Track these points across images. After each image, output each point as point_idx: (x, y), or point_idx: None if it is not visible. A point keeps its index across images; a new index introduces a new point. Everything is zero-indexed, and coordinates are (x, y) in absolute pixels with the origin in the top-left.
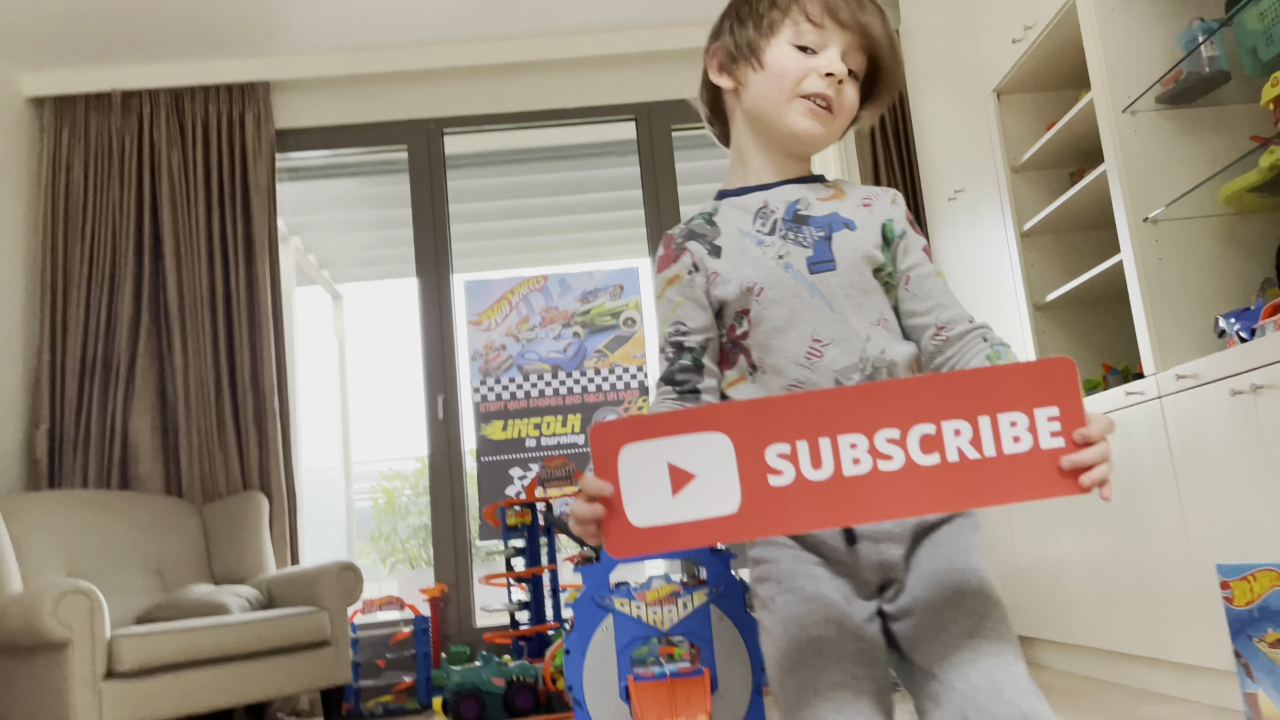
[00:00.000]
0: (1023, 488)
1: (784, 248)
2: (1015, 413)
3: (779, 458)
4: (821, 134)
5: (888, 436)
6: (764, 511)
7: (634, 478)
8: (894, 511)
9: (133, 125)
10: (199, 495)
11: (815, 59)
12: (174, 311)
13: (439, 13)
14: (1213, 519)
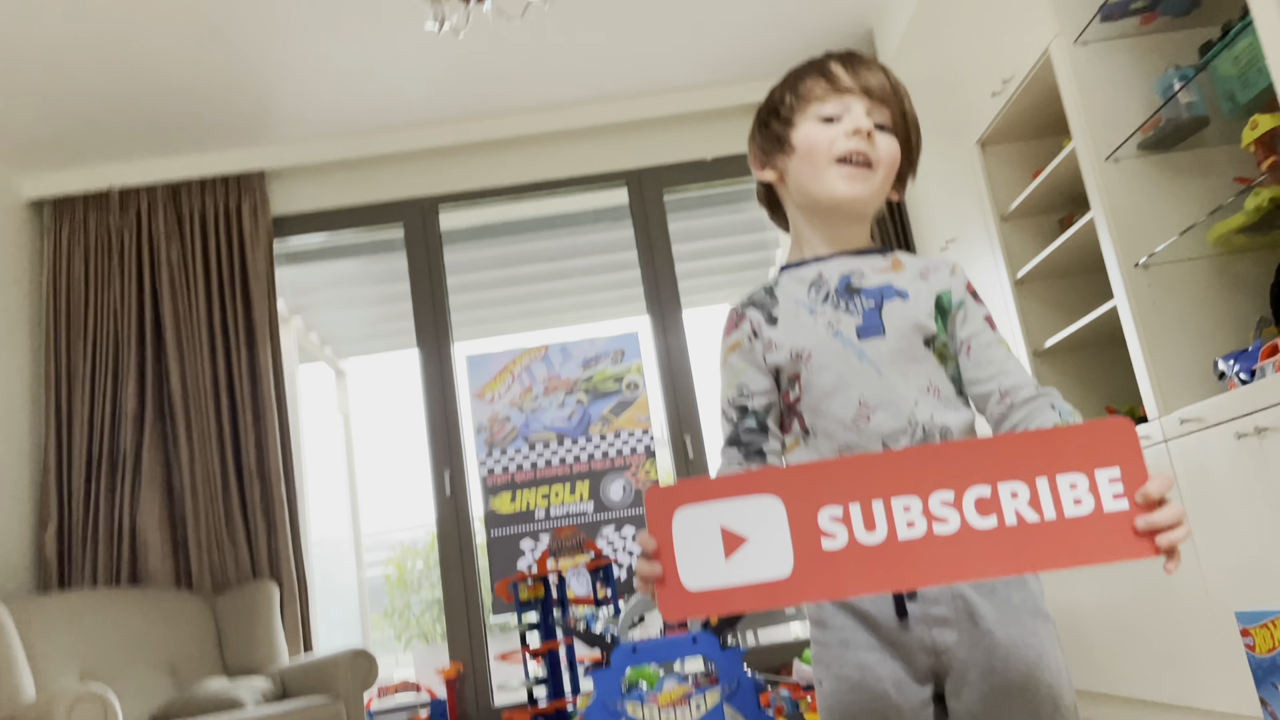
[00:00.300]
0: (1088, 551)
1: (835, 316)
2: (1075, 474)
3: (832, 521)
4: (866, 193)
5: (942, 499)
6: (817, 575)
7: (688, 540)
8: (951, 575)
9: (131, 221)
10: (209, 586)
11: (841, 124)
12: (178, 403)
13: (429, 94)
14: (1229, 563)
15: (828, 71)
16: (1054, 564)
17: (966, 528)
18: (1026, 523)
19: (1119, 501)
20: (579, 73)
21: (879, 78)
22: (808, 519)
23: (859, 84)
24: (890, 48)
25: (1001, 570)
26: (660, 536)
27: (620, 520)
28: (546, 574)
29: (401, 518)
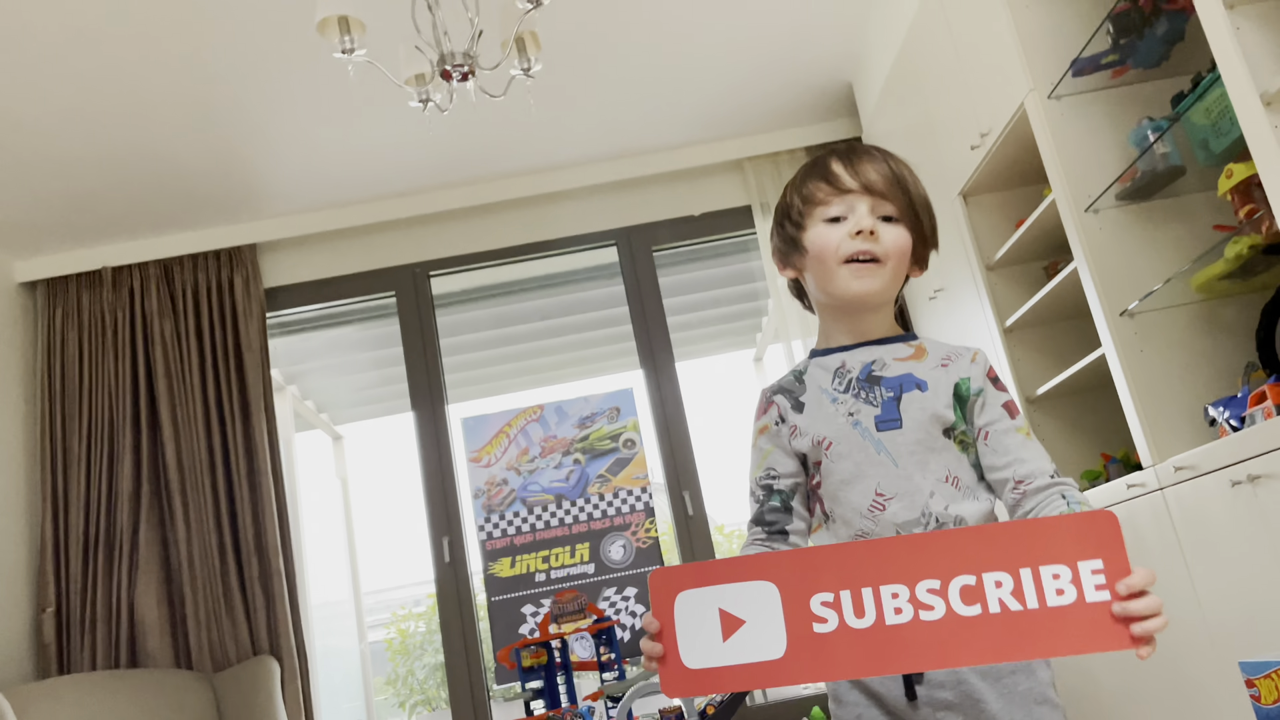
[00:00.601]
0: (1069, 640)
1: (855, 405)
2: (1058, 565)
3: (823, 606)
4: (877, 287)
5: (928, 587)
6: (808, 657)
7: (688, 621)
8: (936, 661)
9: (124, 299)
10: (209, 665)
11: (846, 224)
12: (174, 480)
13: (417, 162)
14: (1231, 612)
15: (829, 174)
16: (1035, 653)
17: (952, 615)
18: (1010, 611)
19: (1100, 593)
20: (566, 136)
21: (881, 169)
22: (801, 604)
23: (859, 182)
24: (869, 103)
25: (984, 658)
26: (663, 618)
27: (621, 581)
28: (549, 639)
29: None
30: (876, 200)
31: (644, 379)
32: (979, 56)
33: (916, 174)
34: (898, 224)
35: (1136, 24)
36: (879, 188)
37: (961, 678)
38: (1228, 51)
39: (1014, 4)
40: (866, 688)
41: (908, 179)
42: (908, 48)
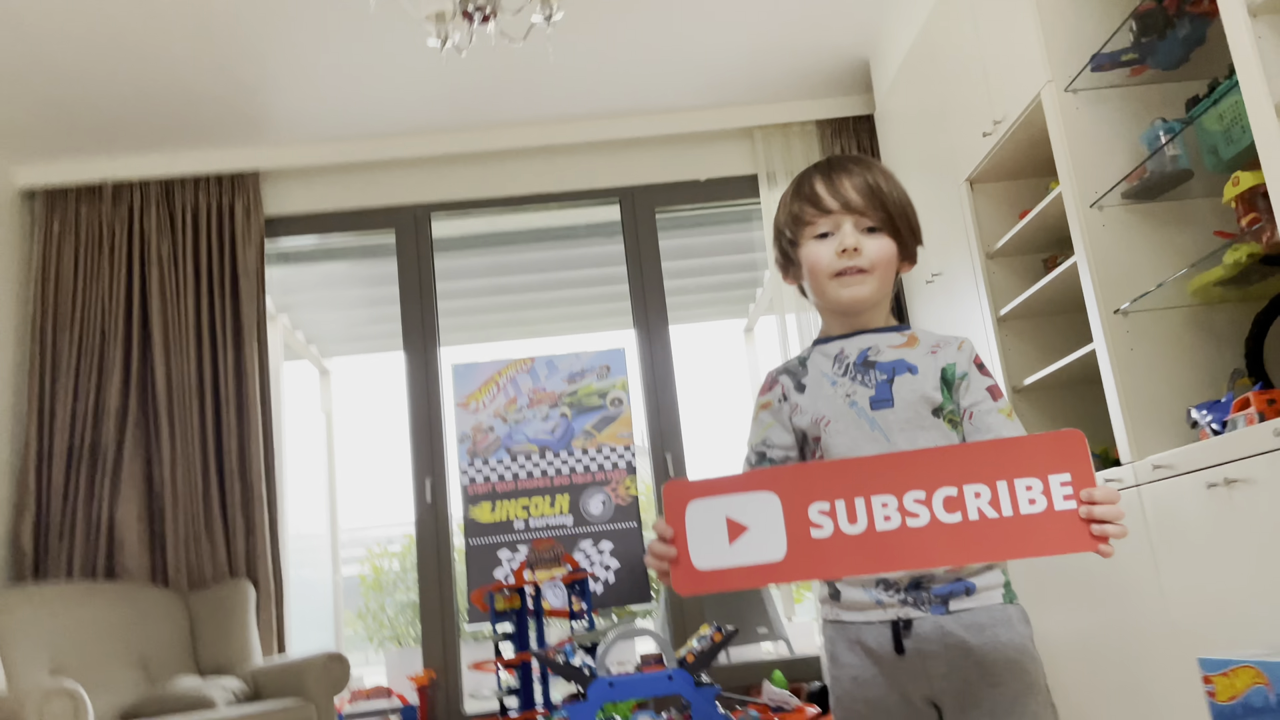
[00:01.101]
0: (1038, 543)
1: (851, 387)
2: (1031, 478)
3: (820, 514)
4: (866, 294)
5: (915, 497)
6: (806, 559)
7: (698, 528)
8: (921, 560)
9: (123, 215)
10: (185, 584)
11: (833, 240)
12: (162, 399)
13: (428, 102)
14: (1196, 609)
15: (813, 196)
16: (1008, 554)
17: (935, 522)
18: (987, 518)
19: (1068, 502)
20: (579, 88)
21: (860, 182)
22: (799, 512)
23: (840, 202)
24: (885, 81)
25: (963, 558)
26: (675, 524)
27: (598, 534)
28: (523, 585)
29: (379, 516)
30: (859, 216)
31: (636, 339)
32: (1000, 43)
33: (893, 176)
34: (880, 234)
35: (1160, 24)
36: (858, 206)
37: (946, 630)
38: (1248, 58)
39: None
40: (863, 645)
41: (884, 189)
42: (929, 28)
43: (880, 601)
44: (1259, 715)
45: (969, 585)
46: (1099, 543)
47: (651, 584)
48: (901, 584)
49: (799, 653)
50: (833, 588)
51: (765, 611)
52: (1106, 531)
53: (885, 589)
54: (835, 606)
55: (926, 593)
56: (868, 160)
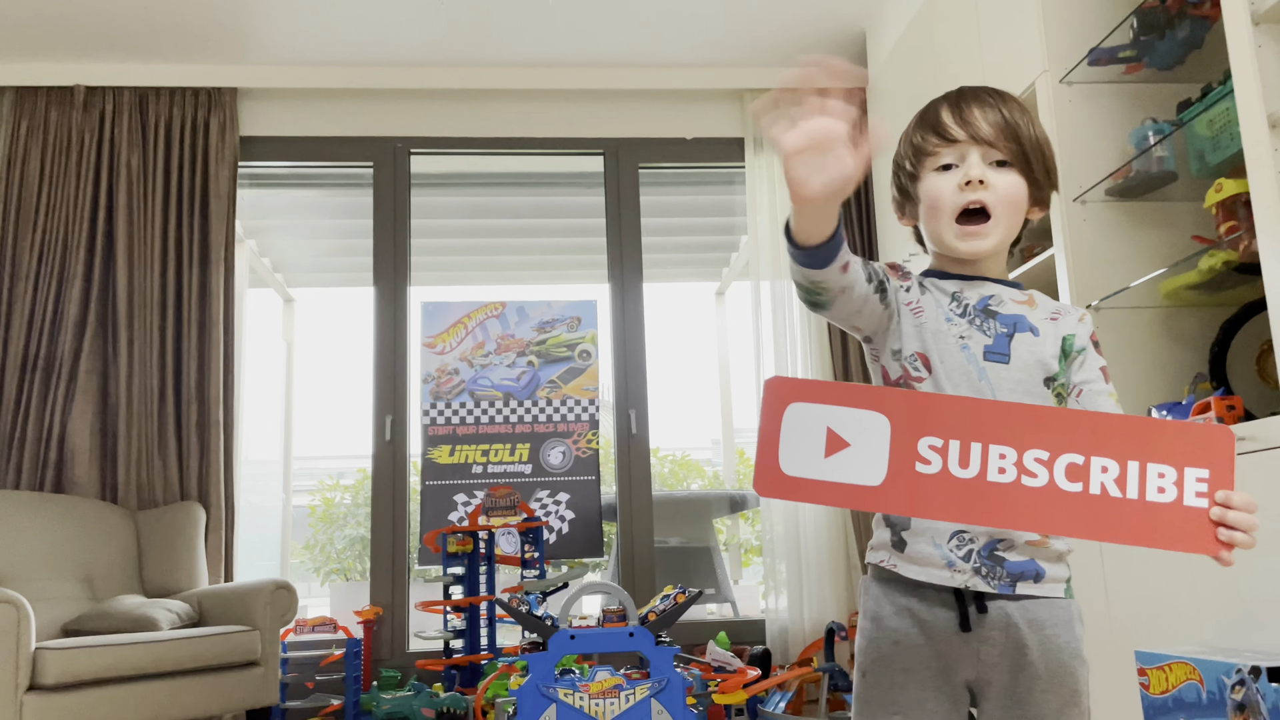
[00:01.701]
0: (1158, 535)
1: (968, 330)
2: (1165, 465)
3: (930, 449)
4: (987, 245)
5: (1036, 456)
6: (904, 492)
7: (795, 431)
8: (1028, 523)
9: (94, 122)
10: (134, 503)
11: (957, 172)
12: (122, 314)
13: (416, 33)
14: (1135, 603)
15: (939, 124)
16: (1123, 538)
17: (1053, 486)
18: (1109, 495)
19: (1200, 500)
20: (572, 33)
21: (992, 116)
22: (908, 441)
23: (968, 133)
24: (881, 54)
25: (1076, 531)
26: (769, 423)
27: (556, 485)
28: (477, 530)
29: (333, 447)
30: (986, 149)
31: (610, 293)
32: (999, 28)
33: (1030, 113)
34: (1010, 169)
35: (1161, 23)
36: (987, 136)
37: (1011, 619)
38: (1245, 66)
39: None
40: (915, 610)
41: (1019, 123)
42: (930, 5)
43: (952, 564)
44: (1189, 711)
45: (1040, 570)
46: (1223, 548)
47: (605, 537)
48: (978, 546)
49: (744, 615)
50: (897, 535)
51: (714, 573)
52: (1234, 539)
53: (960, 548)
54: (896, 556)
55: (1000, 566)
56: (1003, 93)
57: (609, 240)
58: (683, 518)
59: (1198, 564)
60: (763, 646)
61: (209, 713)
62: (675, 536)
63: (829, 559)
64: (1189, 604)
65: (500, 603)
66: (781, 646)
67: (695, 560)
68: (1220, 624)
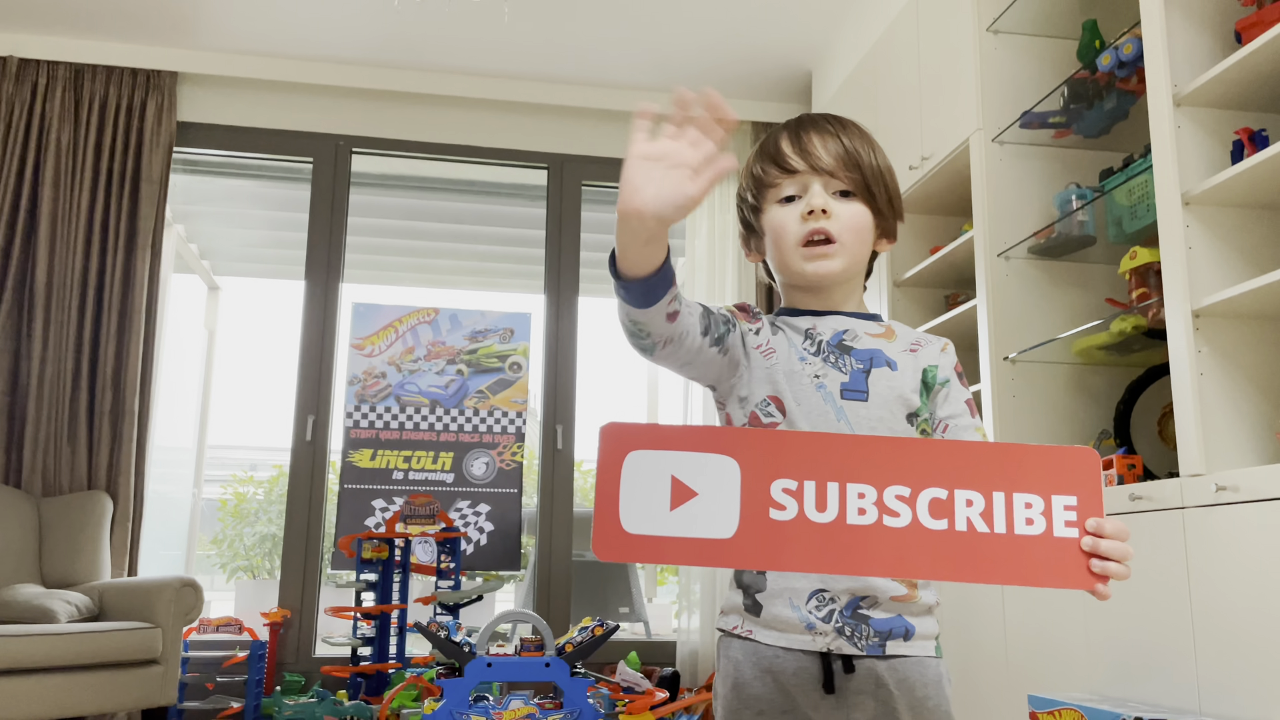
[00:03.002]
0: (1030, 571)
1: (822, 369)
2: (1032, 494)
3: (784, 493)
4: (835, 266)
5: (897, 493)
6: (760, 543)
7: (636, 483)
8: (893, 568)
9: (24, 94)
10: (38, 488)
11: (800, 203)
12: (40, 293)
13: (365, 32)
14: (1032, 645)
15: (778, 154)
16: (995, 578)
17: (917, 524)
18: (976, 531)
19: (1070, 530)
20: (525, 49)
21: (832, 146)
22: (760, 486)
23: (808, 163)
24: (825, 96)
25: (943, 573)
26: (607, 475)
27: (477, 496)
28: (394, 537)
29: (248, 439)
30: (827, 179)
31: (545, 306)
32: (938, 84)
33: (872, 139)
34: (853, 199)
35: (1089, 94)
36: (827, 166)
37: (881, 680)
38: (1165, 143)
39: (983, 45)
40: (777, 674)
41: (860, 151)
42: (874, 54)
43: (812, 626)
44: None
45: (909, 627)
46: (1097, 581)
47: (522, 549)
48: (839, 606)
49: (656, 636)
50: (751, 598)
51: (629, 592)
52: (1108, 570)
53: (820, 609)
54: (751, 621)
55: (865, 625)
56: (844, 119)
57: (548, 254)
58: None
59: (1091, 610)
60: (672, 669)
61: (104, 710)
62: (593, 552)
63: None
64: (1082, 649)
65: (419, 627)
66: (691, 668)
67: (611, 577)
68: (1112, 671)
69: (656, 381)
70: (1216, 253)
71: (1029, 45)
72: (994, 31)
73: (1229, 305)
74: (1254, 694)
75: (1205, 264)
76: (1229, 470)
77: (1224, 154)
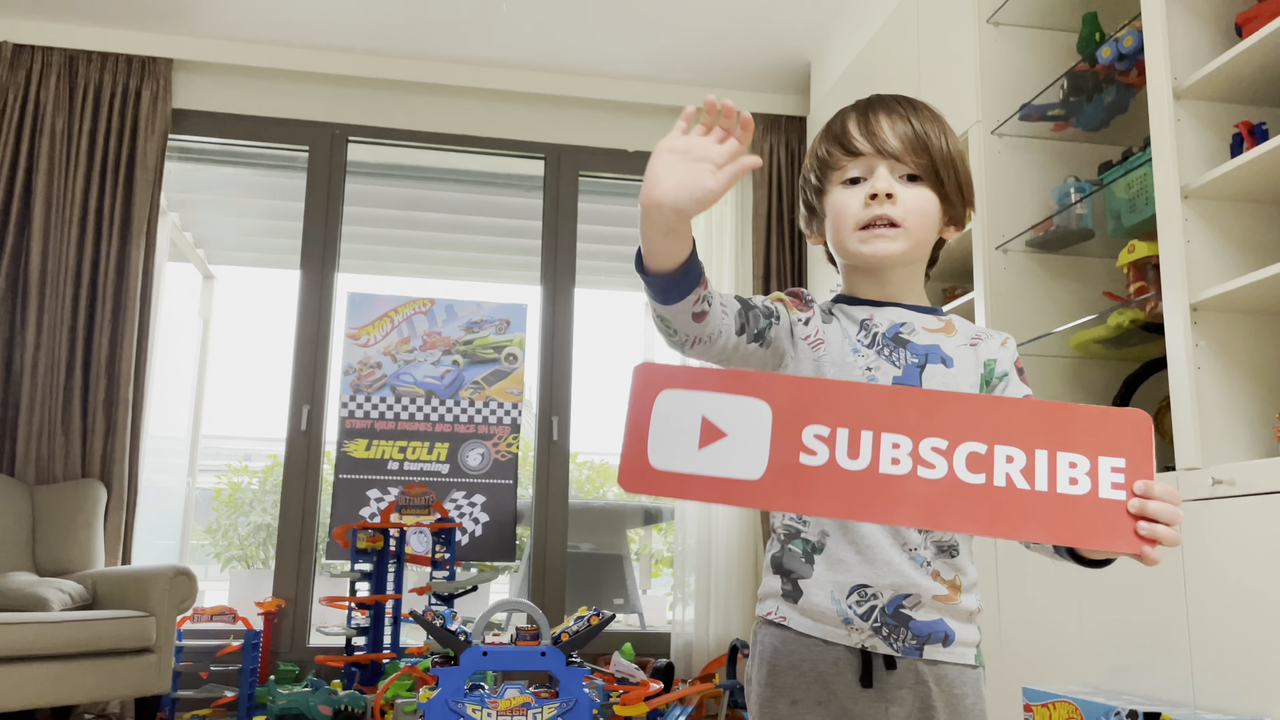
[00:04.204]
0: (1071, 530)
1: (875, 362)
2: (1077, 454)
3: (816, 439)
4: (895, 250)
5: (934, 445)
6: (787, 486)
7: (665, 421)
8: (924, 519)
9: (19, 81)
10: (32, 476)
11: (864, 186)
12: (34, 281)
13: (364, 20)
14: (1027, 637)
15: (844, 135)
16: (1034, 535)
17: (953, 477)
18: (1015, 488)
19: (1117, 492)
20: (522, 36)
21: (901, 128)
22: (791, 431)
23: (874, 145)
24: (823, 87)
25: (976, 527)
26: (638, 412)
27: (472, 486)
28: (389, 527)
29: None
30: (894, 163)
31: (541, 297)
32: (938, 75)
33: (944, 123)
34: (920, 184)
35: (1089, 87)
36: (894, 150)
37: (921, 679)
38: (1164, 137)
39: (983, 36)
40: (815, 665)
41: (930, 135)
42: (874, 45)
43: (849, 621)
44: None
45: (949, 632)
46: (1145, 544)
47: (517, 540)
48: (882, 603)
49: (650, 627)
50: (792, 583)
51: (624, 583)
52: (1156, 534)
53: (861, 604)
54: (789, 607)
55: (905, 627)
56: (915, 102)
57: (544, 245)
58: (597, 525)
59: (1087, 601)
60: (666, 660)
61: (97, 699)
62: (588, 543)
63: (738, 573)
64: (1077, 642)
65: (415, 615)
66: (686, 660)
67: (606, 568)
68: (1107, 664)
69: None
70: (1215, 246)
71: (1029, 37)
72: (994, 23)
73: (1227, 299)
74: (1248, 687)
75: (1203, 257)
76: (1226, 464)
77: (1223, 147)
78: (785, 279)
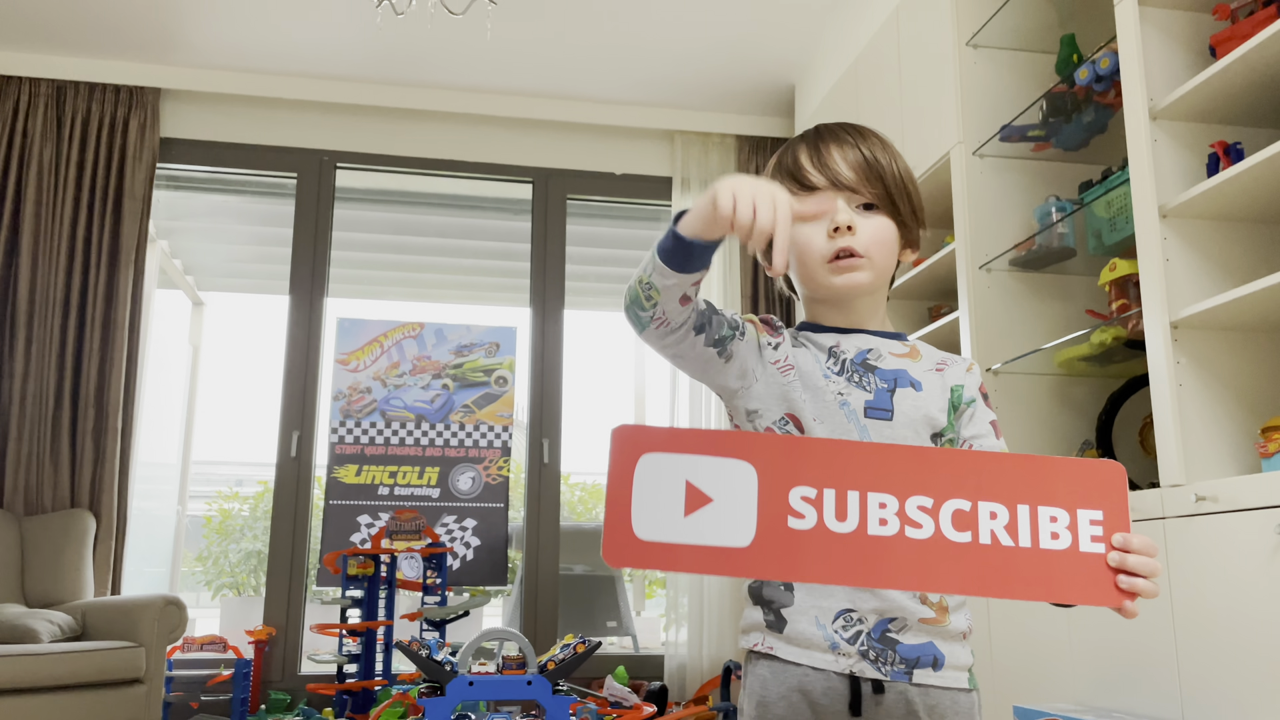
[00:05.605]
0: (1054, 586)
1: (846, 388)
2: (1057, 508)
3: (803, 500)
4: (863, 280)
5: (919, 504)
6: (777, 552)
7: (648, 488)
8: (917, 583)
9: (7, 111)
10: (20, 507)
11: (823, 220)
12: (22, 310)
13: (349, 48)
14: (1017, 655)
15: (798, 169)
16: (1018, 593)
17: (940, 536)
18: (1000, 545)
19: (1095, 545)
20: (510, 63)
21: (852, 156)
22: (779, 494)
23: (828, 178)
24: (807, 109)
25: (965, 587)
26: (619, 479)
27: (463, 510)
28: (380, 553)
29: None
30: (850, 193)
31: (530, 320)
32: (919, 98)
33: (892, 147)
34: (877, 212)
35: (1068, 108)
36: (849, 181)
37: (911, 702)
38: (1142, 157)
39: (963, 59)
40: (806, 694)
41: (881, 162)
42: (856, 68)
43: (836, 646)
44: None
45: (938, 654)
46: (1125, 598)
47: (509, 563)
48: (867, 627)
49: (644, 648)
50: (776, 613)
51: (617, 605)
52: (1136, 587)
53: (847, 629)
54: (775, 638)
55: (892, 650)
56: (863, 129)
57: (533, 268)
58: (590, 547)
59: (1076, 620)
60: (660, 683)
61: None
62: (581, 565)
63: (731, 594)
64: (1066, 660)
65: (400, 646)
66: (679, 683)
67: (600, 590)
68: (1097, 681)
69: (643, 395)
70: (1194, 264)
71: (1008, 59)
72: (974, 46)
73: (1207, 316)
74: (1236, 702)
75: (1183, 276)
76: (1208, 480)
77: (1200, 167)
78: (773, 299)
